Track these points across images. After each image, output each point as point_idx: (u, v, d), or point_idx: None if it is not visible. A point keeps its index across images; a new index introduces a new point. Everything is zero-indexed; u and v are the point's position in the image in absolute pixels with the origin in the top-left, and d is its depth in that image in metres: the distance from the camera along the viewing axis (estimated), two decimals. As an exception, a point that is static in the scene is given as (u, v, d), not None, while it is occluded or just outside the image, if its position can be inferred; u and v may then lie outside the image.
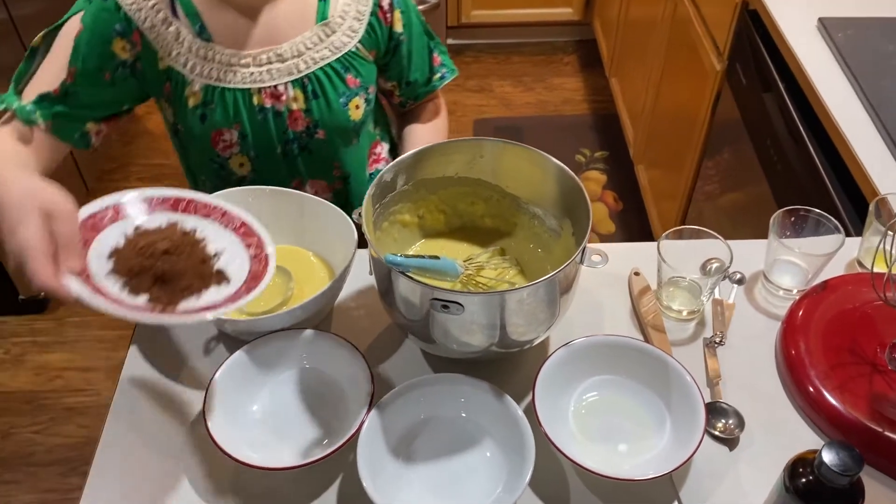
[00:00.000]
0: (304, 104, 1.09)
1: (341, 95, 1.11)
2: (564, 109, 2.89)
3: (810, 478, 0.72)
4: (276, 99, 1.08)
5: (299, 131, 1.12)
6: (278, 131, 1.11)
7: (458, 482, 0.85)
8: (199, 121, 1.08)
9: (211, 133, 1.09)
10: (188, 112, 1.08)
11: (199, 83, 1.06)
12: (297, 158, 1.15)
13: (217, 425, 0.85)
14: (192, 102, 1.07)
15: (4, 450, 1.92)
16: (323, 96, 1.10)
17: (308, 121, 1.11)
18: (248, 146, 1.11)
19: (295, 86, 1.08)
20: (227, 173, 1.15)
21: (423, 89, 1.24)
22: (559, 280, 0.84)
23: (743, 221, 1.69)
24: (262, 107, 1.08)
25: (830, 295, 0.99)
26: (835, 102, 1.28)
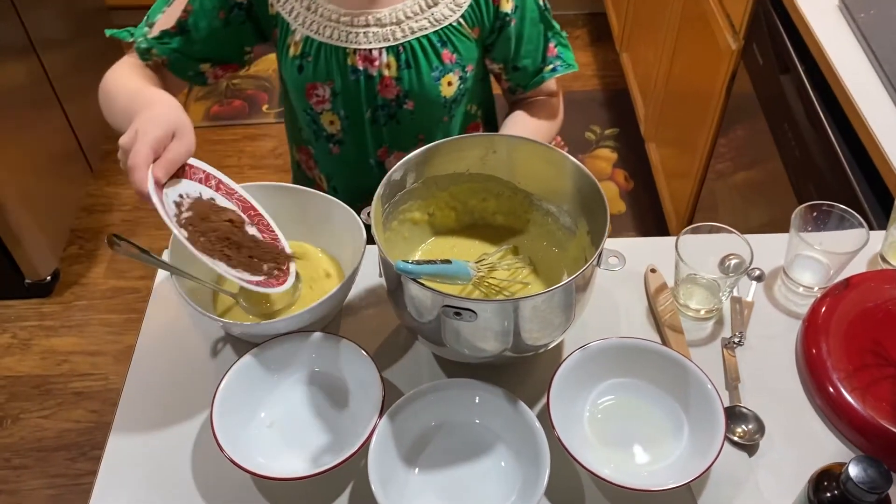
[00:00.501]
0: (396, 72, 1.08)
1: (434, 69, 1.09)
2: (574, 85, 2.84)
3: (835, 492, 0.70)
4: (370, 63, 1.07)
5: (389, 99, 1.11)
6: (368, 95, 1.10)
7: (471, 490, 0.83)
8: (297, 71, 1.10)
9: (306, 85, 1.11)
10: (288, 61, 1.10)
11: (300, 33, 1.07)
12: (385, 127, 1.14)
13: (225, 433, 0.83)
14: (292, 52, 1.09)
15: (14, 435, 1.92)
16: (415, 67, 1.08)
17: (398, 89, 1.10)
18: (339, 105, 1.12)
19: (389, 52, 1.07)
20: (318, 127, 1.17)
21: (532, 78, 1.18)
22: (575, 284, 0.82)
23: (757, 203, 1.65)
24: (355, 68, 1.08)
25: (853, 293, 0.97)
26: (856, 86, 1.24)
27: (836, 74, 1.27)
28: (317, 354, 0.92)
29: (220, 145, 2.65)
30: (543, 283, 0.96)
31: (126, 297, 2.21)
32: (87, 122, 2.41)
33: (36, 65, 2.20)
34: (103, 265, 2.29)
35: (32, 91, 2.19)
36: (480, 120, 1.25)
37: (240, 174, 2.55)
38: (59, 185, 2.34)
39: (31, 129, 2.17)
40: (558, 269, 0.97)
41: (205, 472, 0.86)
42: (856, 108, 1.20)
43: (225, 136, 2.68)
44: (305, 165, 1.29)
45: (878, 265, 1.04)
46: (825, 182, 1.29)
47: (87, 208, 2.45)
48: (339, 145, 1.18)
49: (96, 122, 0.97)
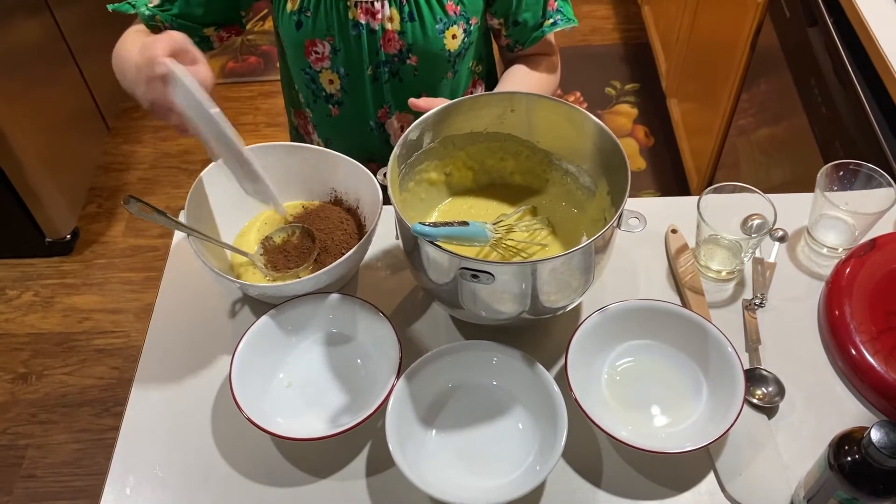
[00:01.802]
0: (399, 25, 1.06)
1: (438, 21, 1.06)
2: (594, 39, 2.78)
3: (856, 457, 0.70)
4: (372, 16, 1.05)
5: (391, 54, 1.08)
6: (370, 50, 1.08)
7: (489, 451, 0.84)
8: (295, 28, 1.07)
9: (304, 42, 1.08)
10: (286, 16, 1.07)
11: None
12: (386, 85, 1.12)
13: (244, 394, 0.83)
14: (289, 7, 1.06)
15: (39, 391, 1.95)
16: (419, 19, 1.05)
17: (402, 43, 1.07)
18: (339, 62, 1.09)
19: (392, 4, 1.04)
20: (317, 87, 1.14)
21: (532, 34, 1.14)
22: (594, 246, 0.80)
23: (780, 161, 1.62)
24: (357, 22, 1.05)
25: (879, 254, 0.95)
26: (887, 40, 1.20)
27: (866, 27, 1.23)
28: (334, 316, 0.91)
29: (236, 102, 2.63)
30: (562, 244, 0.94)
31: (145, 255, 2.23)
32: (102, 80, 2.40)
33: (50, 22, 2.18)
34: (122, 224, 2.30)
35: (47, 49, 2.18)
36: (482, 79, 1.22)
37: (255, 132, 2.53)
38: (77, 144, 2.34)
39: (46, 87, 2.16)
40: (577, 230, 0.95)
41: (224, 431, 0.87)
42: (886, 62, 1.17)
43: (241, 93, 2.66)
44: (303, 130, 1.26)
45: (906, 226, 1.02)
46: (852, 140, 1.26)
47: (104, 167, 2.46)
48: (338, 106, 1.16)
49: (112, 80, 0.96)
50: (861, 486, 0.69)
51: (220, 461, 0.85)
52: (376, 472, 0.83)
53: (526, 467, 0.81)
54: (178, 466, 0.85)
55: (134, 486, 0.84)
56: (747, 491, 0.80)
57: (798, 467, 0.80)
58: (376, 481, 0.83)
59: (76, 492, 1.77)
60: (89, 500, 1.75)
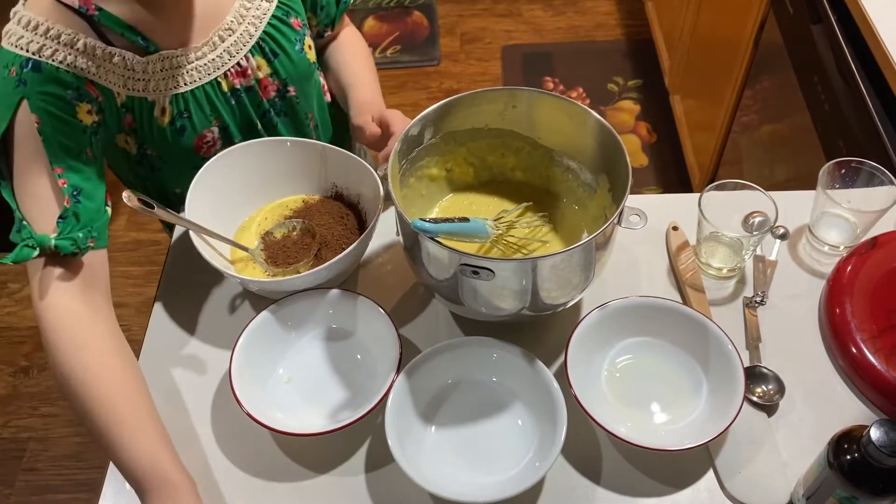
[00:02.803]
0: (268, 68, 1.03)
1: (295, 42, 1.04)
2: (597, 34, 2.77)
3: (856, 455, 0.70)
4: (243, 76, 1.01)
5: (272, 98, 1.06)
6: (254, 106, 1.04)
7: (488, 447, 0.84)
8: (178, 134, 0.99)
9: (193, 141, 1.01)
10: (161, 132, 0.98)
11: (164, 98, 0.96)
12: (277, 125, 1.09)
13: (244, 388, 0.84)
14: (164, 121, 0.97)
15: (41, 384, 1.96)
16: (282, 52, 1.03)
17: (277, 83, 1.05)
18: (231, 135, 1.04)
19: (254, 53, 1.01)
20: None
21: (334, 10, 1.12)
22: (595, 243, 0.80)
23: (783, 158, 1.62)
24: (234, 89, 1.01)
25: (881, 252, 0.94)
26: (891, 38, 1.19)
27: (870, 25, 1.22)
28: (334, 311, 0.91)
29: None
30: (563, 241, 0.94)
31: (146, 249, 2.23)
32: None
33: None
34: (123, 218, 2.30)
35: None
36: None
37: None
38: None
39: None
40: (578, 227, 0.95)
41: (224, 425, 0.87)
42: (890, 60, 1.16)
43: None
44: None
45: (907, 224, 1.02)
46: (855, 138, 1.25)
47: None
48: None
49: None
50: (860, 484, 0.69)
51: (219, 456, 0.85)
52: (375, 467, 0.84)
53: (525, 464, 0.81)
54: (178, 461, 0.85)
55: (134, 480, 0.84)
56: (747, 489, 0.80)
57: (797, 465, 0.80)
58: (375, 477, 0.83)
59: (77, 485, 1.78)
60: (90, 493, 1.76)
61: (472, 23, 2.83)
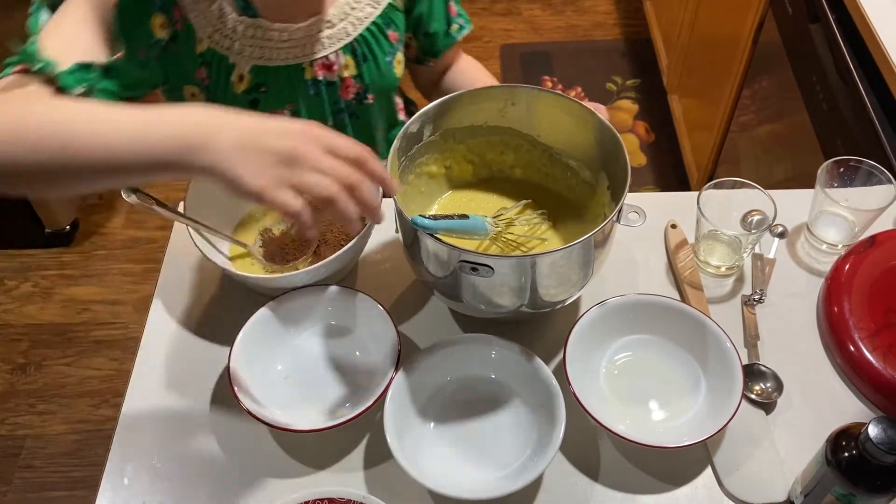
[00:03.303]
0: (354, 70, 1.03)
1: (387, 54, 1.05)
2: (595, 34, 2.78)
3: (854, 453, 0.70)
4: (328, 69, 1.01)
5: (350, 99, 1.06)
6: (330, 102, 1.05)
7: (487, 444, 0.84)
8: (249, 106, 0.99)
9: None
10: (235, 98, 0.98)
11: (246, 65, 0.97)
12: (347, 127, 1.09)
13: (242, 385, 0.83)
14: (240, 87, 0.98)
15: (37, 381, 1.95)
16: (372, 58, 1.04)
17: (359, 87, 1.05)
18: None
19: (345, 52, 1.02)
20: None
21: (441, 41, 1.13)
22: (594, 240, 0.80)
23: (781, 157, 1.62)
24: (316, 79, 1.02)
25: (879, 250, 0.95)
26: (889, 38, 1.19)
27: (868, 24, 1.22)
28: (333, 308, 0.91)
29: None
30: (562, 238, 0.94)
31: (144, 246, 2.22)
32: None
33: (50, 12, 2.17)
34: (122, 215, 2.30)
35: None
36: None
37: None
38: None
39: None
40: (577, 224, 0.95)
41: (222, 422, 0.87)
42: (888, 60, 1.17)
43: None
44: None
45: (905, 223, 1.02)
46: (853, 137, 1.26)
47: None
48: None
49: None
50: (858, 481, 0.69)
51: (218, 452, 0.85)
52: (374, 464, 0.84)
53: (523, 461, 0.81)
54: (176, 457, 0.85)
55: (132, 476, 0.84)
56: (744, 486, 0.81)
57: (795, 463, 0.81)
58: (374, 473, 0.83)
59: (74, 482, 1.78)
60: (87, 490, 1.76)
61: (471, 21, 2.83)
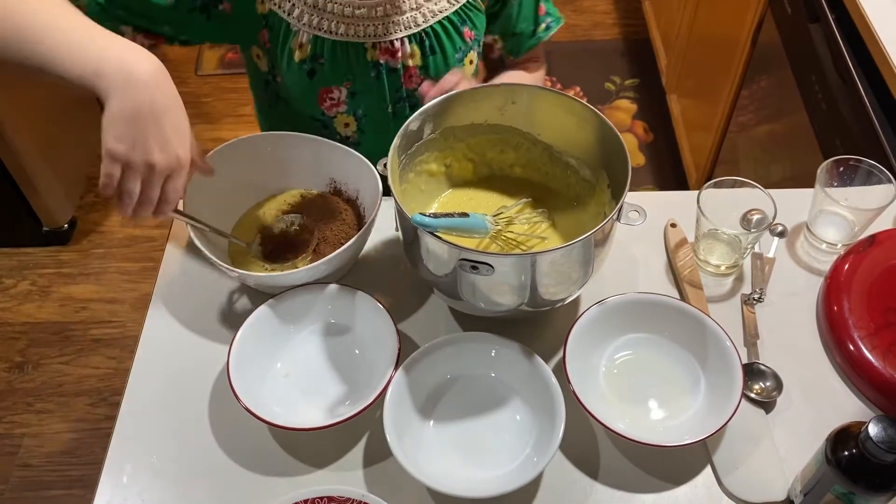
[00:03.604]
0: (420, 61, 1.01)
1: (458, 51, 1.02)
2: (594, 34, 2.78)
3: (854, 451, 0.70)
4: (391, 55, 0.99)
5: (412, 89, 1.04)
6: (391, 89, 1.03)
7: (486, 442, 0.84)
8: (307, 76, 0.99)
9: (318, 90, 1.00)
10: (293, 66, 0.98)
11: (306, 34, 0.96)
12: (407, 117, 1.07)
13: (242, 383, 0.83)
14: (298, 56, 0.97)
15: (35, 380, 1.95)
16: (441, 52, 1.01)
17: (423, 78, 1.03)
18: (358, 104, 1.03)
19: (412, 41, 0.99)
20: (329, 133, 1.06)
21: (527, 42, 1.11)
22: (594, 239, 0.80)
23: (779, 157, 1.62)
24: (377, 63, 0.99)
25: (878, 250, 0.95)
26: (889, 37, 1.19)
27: (868, 24, 1.22)
28: (332, 306, 0.91)
29: (234, 94, 2.62)
30: (562, 237, 0.94)
31: (142, 245, 2.22)
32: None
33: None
34: (120, 214, 2.30)
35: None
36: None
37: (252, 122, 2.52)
38: (75, 133, 2.33)
39: (45, 75, 2.15)
40: (577, 223, 0.95)
41: (221, 420, 0.87)
42: (888, 59, 1.17)
43: (239, 84, 2.65)
44: None
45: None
46: (852, 136, 1.26)
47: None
48: (354, 146, 1.06)
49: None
50: (858, 480, 0.70)
51: (217, 450, 0.85)
52: (374, 462, 0.83)
53: (523, 459, 0.81)
54: (175, 455, 0.85)
55: (131, 474, 0.83)
56: (744, 485, 0.81)
57: (795, 461, 0.81)
58: (374, 472, 0.83)
59: (71, 481, 1.77)
60: (84, 489, 1.75)
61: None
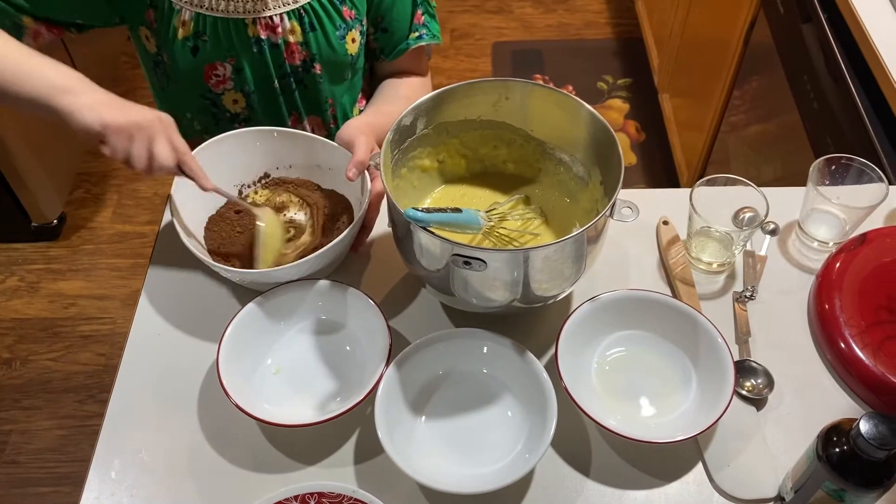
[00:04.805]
0: (301, 37, 1.04)
1: (338, 28, 1.05)
2: (587, 33, 2.78)
3: (845, 448, 0.70)
4: (272, 31, 1.02)
5: (296, 65, 1.06)
6: (275, 64, 1.05)
7: (478, 438, 0.83)
8: (190, 53, 1.01)
9: (203, 67, 1.03)
10: (177, 44, 1.01)
11: (188, 11, 0.98)
12: (294, 93, 1.09)
13: (231, 379, 0.83)
14: (181, 33, 1.00)
15: (23, 376, 1.94)
16: (321, 29, 1.04)
17: (305, 54, 1.05)
18: (244, 80, 1.06)
19: (291, 17, 1.02)
20: (219, 111, 1.09)
21: (397, 44, 1.13)
22: (586, 235, 0.80)
23: (771, 157, 1.63)
24: (258, 38, 1.02)
25: (869, 248, 0.95)
26: (881, 38, 1.20)
27: (859, 24, 1.23)
28: (323, 302, 0.91)
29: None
30: (554, 233, 0.94)
31: (133, 241, 2.21)
32: (91, 64, 2.37)
33: (39, 4, 2.16)
34: (110, 209, 2.28)
35: (36, 31, 2.15)
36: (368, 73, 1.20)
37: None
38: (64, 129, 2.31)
39: (34, 70, 2.13)
40: (569, 220, 0.95)
41: (211, 416, 0.86)
42: (879, 59, 1.17)
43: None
44: None
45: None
46: (843, 135, 1.26)
47: (92, 151, 2.43)
48: (244, 123, 1.10)
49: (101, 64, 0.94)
50: (849, 476, 0.70)
51: (206, 447, 0.84)
52: (365, 459, 0.83)
53: (515, 455, 0.81)
54: (165, 451, 0.84)
55: (119, 469, 0.83)
56: (735, 482, 0.81)
57: (786, 458, 0.81)
58: (365, 468, 0.83)
59: (59, 478, 1.76)
60: (72, 486, 1.74)
61: (463, 19, 2.82)
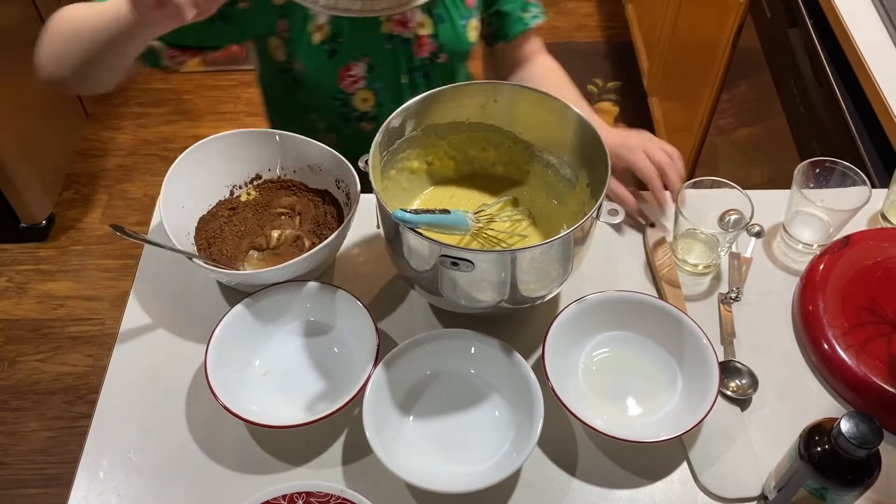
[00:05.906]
0: (431, 29, 1.05)
1: (462, 17, 1.07)
2: (577, 36, 2.79)
3: (826, 447, 0.71)
4: (404, 26, 1.03)
5: (424, 58, 1.08)
6: (405, 59, 1.07)
7: (465, 438, 0.84)
8: (328, 56, 1.02)
9: (339, 69, 1.04)
10: (312, 49, 1.01)
11: (324, 15, 0.99)
12: (419, 87, 1.11)
13: (219, 380, 0.83)
14: (317, 38, 1.01)
15: (11, 377, 1.93)
16: (449, 20, 1.06)
17: (434, 46, 1.07)
18: (375, 79, 1.07)
19: (422, 10, 1.03)
20: (348, 110, 1.10)
21: (515, 25, 1.14)
22: (573, 237, 0.81)
23: (758, 160, 1.64)
24: (391, 35, 1.03)
25: (852, 250, 0.96)
26: (866, 43, 1.21)
27: (845, 29, 1.24)
28: (311, 304, 0.91)
29: (217, 91, 2.61)
30: (542, 235, 0.95)
31: (122, 242, 2.20)
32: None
33: (28, 4, 2.15)
34: (99, 210, 2.28)
35: (25, 32, 2.14)
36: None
37: (236, 121, 2.51)
38: (54, 129, 2.31)
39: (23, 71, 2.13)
40: (557, 221, 0.96)
41: (199, 418, 0.87)
42: (864, 64, 1.18)
43: (221, 82, 2.64)
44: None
45: (879, 223, 1.04)
46: (829, 139, 1.27)
47: (82, 152, 2.43)
48: (371, 122, 1.12)
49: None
50: (830, 475, 0.71)
51: (194, 448, 0.84)
52: (353, 459, 0.83)
53: (502, 455, 0.81)
54: (153, 452, 0.84)
55: (107, 470, 0.83)
56: (719, 481, 0.81)
57: (769, 458, 0.82)
58: (353, 469, 0.83)
59: (47, 479, 1.76)
60: (60, 487, 1.74)
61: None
